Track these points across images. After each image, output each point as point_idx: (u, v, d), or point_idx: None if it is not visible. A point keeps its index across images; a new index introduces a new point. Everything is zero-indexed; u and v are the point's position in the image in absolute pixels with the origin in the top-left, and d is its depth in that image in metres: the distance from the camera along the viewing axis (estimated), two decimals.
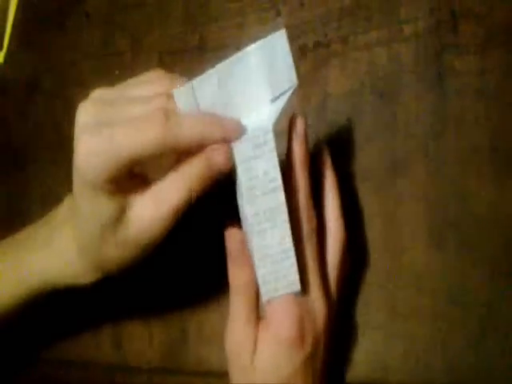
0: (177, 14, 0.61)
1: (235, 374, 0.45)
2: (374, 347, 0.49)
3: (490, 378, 0.46)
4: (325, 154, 0.47)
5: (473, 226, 0.48)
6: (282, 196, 0.40)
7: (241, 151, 0.40)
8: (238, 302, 0.45)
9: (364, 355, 0.49)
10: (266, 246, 0.41)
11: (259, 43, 0.41)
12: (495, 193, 0.48)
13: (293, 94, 0.42)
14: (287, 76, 0.42)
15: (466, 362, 0.46)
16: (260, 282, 0.42)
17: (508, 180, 0.48)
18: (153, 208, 0.41)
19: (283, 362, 0.42)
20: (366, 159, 0.52)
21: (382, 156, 0.52)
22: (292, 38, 0.55)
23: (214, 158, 0.40)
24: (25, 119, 0.64)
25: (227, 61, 0.40)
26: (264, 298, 0.42)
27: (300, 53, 0.56)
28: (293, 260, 0.41)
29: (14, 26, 0.67)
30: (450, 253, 0.48)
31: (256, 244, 0.41)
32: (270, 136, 0.40)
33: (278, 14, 0.58)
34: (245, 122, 0.41)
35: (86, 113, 0.40)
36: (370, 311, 0.50)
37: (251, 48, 0.41)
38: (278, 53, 0.41)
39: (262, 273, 0.42)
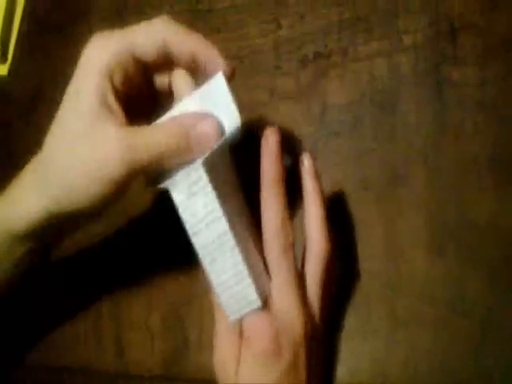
0: None
1: None
2: (375, 354, 0.49)
3: None
4: (307, 163, 0.46)
5: (472, 235, 0.49)
6: (224, 225, 0.41)
7: (178, 191, 0.41)
8: (220, 320, 0.45)
9: (365, 362, 0.49)
10: (219, 273, 0.42)
11: (198, 91, 0.43)
12: (494, 202, 0.49)
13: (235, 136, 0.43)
14: (229, 117, 0.43)
15: (466, 370, 0.46)
16: (223, 305, 0.43)
17: (507, 189, 0.49)
18: (122, 148, 0.41)
19: (263, 375, 0.42)
20: (366, 169, 0.52)
21: (383, 166, 0.52)
22: (292, 50, 0.57)
23: (202, 129, 0.43)
24: (29, 127, 0.64)
25: (169, 112, 0.44)
26: (230, 318, 0.43)
27: (300, 64, 0.57)
28: (248, 281, 0.42)
29: (18, 38, 0.68)
30: (450, 261, 0.49)
31: (211, 272, 0.43)
32: (201, 172, 0.40)
33: (279, 26, 0.59)
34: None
35: (95, 36, 0.43)
36: (371, 319, 0.50)
37: (190, 97, 0.43)
38: (218, 96, 0.42)
39: (222, 298, 0.43)
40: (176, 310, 0.55)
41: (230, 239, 0.41)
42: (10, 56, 0.68)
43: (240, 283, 0.42)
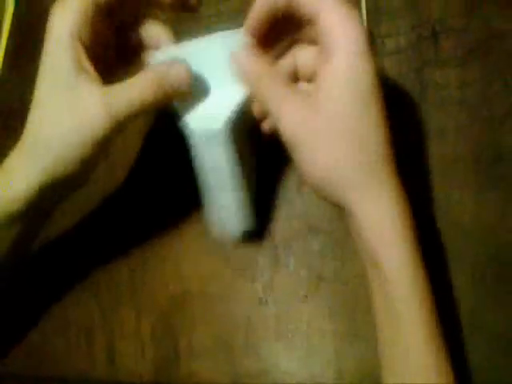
0: None
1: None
2: (362, 356, 0.49)
3: None
4: None
5: (456, 235, 0.49)
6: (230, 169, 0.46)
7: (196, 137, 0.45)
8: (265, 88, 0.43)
9: (353, 364, 0.49)
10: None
11: (223, 33, 0.45)
12: (478, 202, 0.50)
13: None
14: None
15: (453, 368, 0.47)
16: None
17: (490, 189, 0.50)
18: (103, 104, 0.43)
19: (360, 73, 0.39)
20: None
21: None
22: None
23: (173, 73, 0.44)
24: (16, 139, 0.65)
25: (196, 40, 0.46)
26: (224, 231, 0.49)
27: None
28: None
29: (6, 49, 0.68)
30: (434, 262, 0.49)
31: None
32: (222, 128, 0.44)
33: None
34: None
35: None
36: (357, 321, 0.50)
37: (216, 36, 0.45)
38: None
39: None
40: (166, 318, 0.55)
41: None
42: None
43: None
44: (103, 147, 0.44)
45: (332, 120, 0.40)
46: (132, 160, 0.59)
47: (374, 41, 0.39)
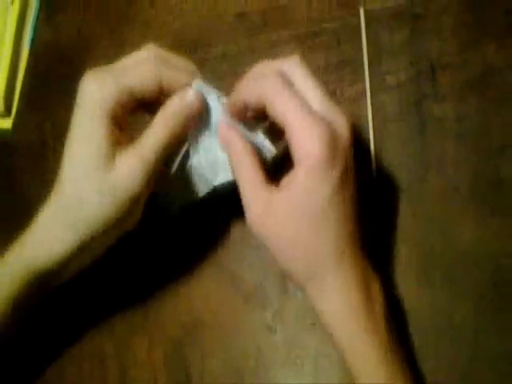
0: None
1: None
2: None
3: None
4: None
5: (457, 263, 0.51)
6: None
7: None
8: (241, 169, 0.46)
9: None
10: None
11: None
12: (476, 229, 0.52)
13: None
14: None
15: None
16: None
17: (488, 217, 0.52)
18: (136, 157, 0.46)
19: (318, 185, 0.42)
20: None
21: (369, 199, 0.54)
22: None
23: (185, 97, 0.47)
24: (34, 177, 0.66)
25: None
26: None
27: None
28: None
29: (21, 92, 0.70)
30: (436, 289, 0.51)
31: None
32: None
33: None
34: None
35: (90, 74, 0.47)
36: None
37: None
38: None
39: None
40: (178, 347, 0.56)
41: None
42: (13, 110, 0.70)
43: None
44: (138, 201, 0.47)
45: (290, 225, 0.43)
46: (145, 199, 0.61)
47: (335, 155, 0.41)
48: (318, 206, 0.42)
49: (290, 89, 0.43)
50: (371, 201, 0.54)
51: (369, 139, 0.56)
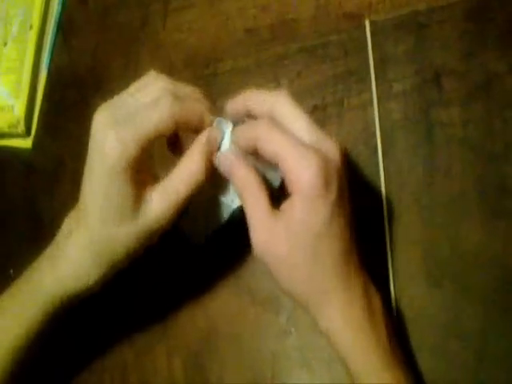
0: None
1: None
2: None
3: None
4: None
5: (465, 266, 0.52)
6: None
7: None
8: (246, 200, 0.47)
9: None
10: None
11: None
12: (483, 234, 0.53)
13: None
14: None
15: None
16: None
17: (494, 221, 0.53)
18: (162, 201, 0.46)
19: (315, 212, 0.43)
20: (361, 210, 0.55)
21: (378, 206, 0.56)
22: None
23: (211, 136, 0.48)
24: (53, 197, 0.68)
25: None
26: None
27: None
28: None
29: (40, 113, 0.72)
30: (445, 291, 0.52)
31: None
32: None
33: (279, 84, 0.63)
34: None
35: (103, 115, 0.46)
36: None
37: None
38: None
39: None
40: (196, 356, 0.58)
41: None
42: (33, 130, 0.72)
43: None
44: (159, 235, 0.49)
45: (285, 248, 0.44)
46: None
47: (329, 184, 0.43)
48: (315, 232, 0.43)
49: (278, 126, 0.45)
50: (379, 207, 0.56)
51: (376, 146, 0.57)
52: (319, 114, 0.60)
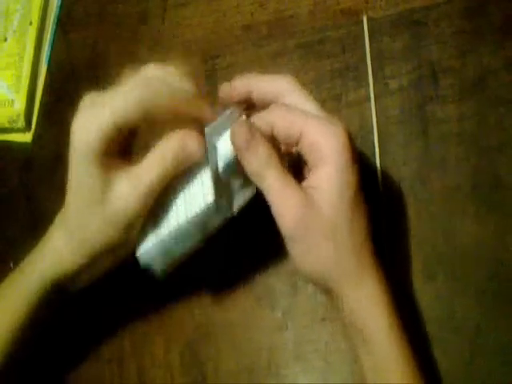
0: None
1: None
2: None
3: None
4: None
5: (459, 259, 0.53)
6: None
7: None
8: (271, 177, 0.45)
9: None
10: None
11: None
12: (477, 226, 0.54)
13: None
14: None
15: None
16: None
17: (488, 215, 0.54)
18: (130, 186, 0.46)
19: (348, 188, 0.44)
20: None
21: (374, 200, 0.56)
22: None
23: (188, 144, 0.47)
24: (51, 191, 0.68)
25: None
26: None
27: None
28: None
29: (40, 108, 0.73)
30: (440, 284, 0.53)
31: None
32: None
33: None
34: None
35: (84, 101, 0.47)
36: None
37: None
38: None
39: None
40: (193, 346, 0.58)
41: None
42: (33, 125, 0.72)
43: None
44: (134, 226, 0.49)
45: (325, 222, 0.44)
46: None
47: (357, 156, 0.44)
48: (351, 203, 0.44)
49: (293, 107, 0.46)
50: (376, 201, 0.56)
51: (373, 141, 0.58)
52: None
